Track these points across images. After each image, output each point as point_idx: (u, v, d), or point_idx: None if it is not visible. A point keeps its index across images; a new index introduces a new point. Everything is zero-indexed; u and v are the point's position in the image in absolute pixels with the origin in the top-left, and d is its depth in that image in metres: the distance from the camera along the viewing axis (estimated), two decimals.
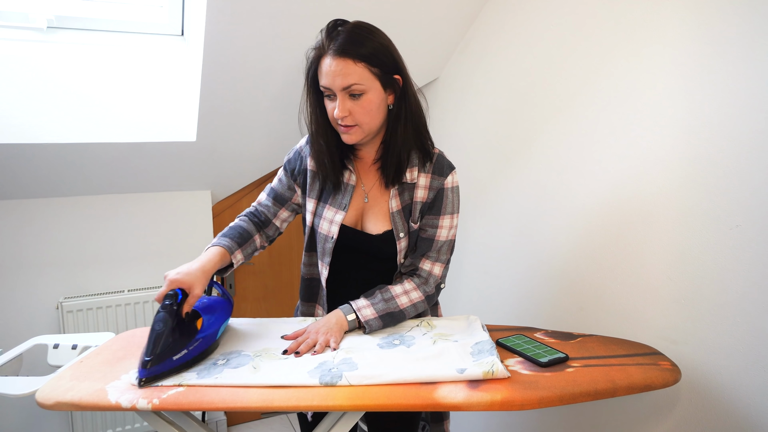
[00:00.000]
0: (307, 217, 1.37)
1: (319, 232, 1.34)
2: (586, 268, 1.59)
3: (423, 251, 1.34)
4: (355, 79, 1.19)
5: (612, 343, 1.25)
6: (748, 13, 1.13)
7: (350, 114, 1.23)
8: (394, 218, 1.32)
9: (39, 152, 1.94)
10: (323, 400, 0.96)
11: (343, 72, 1.18)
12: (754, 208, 1.14)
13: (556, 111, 1.69)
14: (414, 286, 1.33)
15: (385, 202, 1.34)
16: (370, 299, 1.29)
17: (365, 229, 1.34)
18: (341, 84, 1.19)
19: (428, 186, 1.33)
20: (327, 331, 1.20)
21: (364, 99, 1.22)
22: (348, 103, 1.22)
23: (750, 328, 1.16)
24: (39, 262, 2.22)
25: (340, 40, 1.19)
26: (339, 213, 1.32)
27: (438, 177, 1.33)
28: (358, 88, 1.20)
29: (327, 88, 1.22)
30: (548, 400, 0.96)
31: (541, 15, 1.74)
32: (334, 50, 1.19)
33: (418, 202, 1.32)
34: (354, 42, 1.19)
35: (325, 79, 1.21)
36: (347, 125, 1.25)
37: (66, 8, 1.89)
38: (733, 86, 1.17)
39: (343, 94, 1.21)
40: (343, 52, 1.18)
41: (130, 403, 0.95)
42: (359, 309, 1.26)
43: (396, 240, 1.32)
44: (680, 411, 1.32)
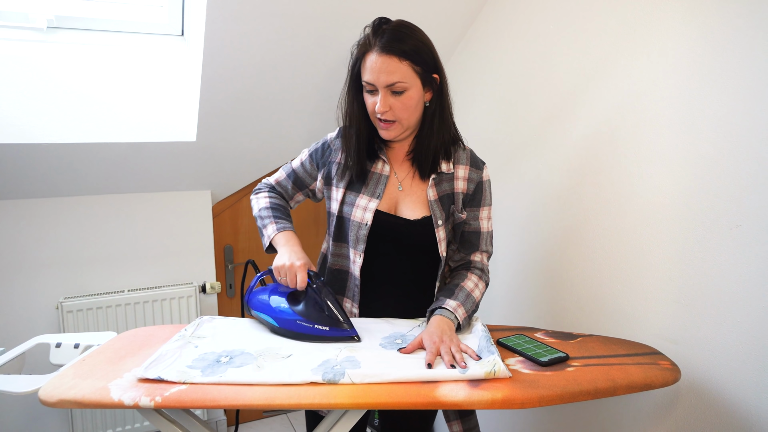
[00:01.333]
0: (333, 205, 1.39)
1: (352, 219, 1.35)
2: (586, 268, 1.60)
3: (474, 245, 1.41)
4: (398, 77, 1.24)
5: (612, 343, 1.25)
6: (748, 13, 1.14)
7: (390, 109, 1.27)
8: (432, 206, 1.35)
9: (39, 152, 1.94)
10: (325, 398, 0.97)
11: (388, 69, 1.23)
12: (754, 208, 1.14)
13: (556, 111, 1.69)
14: (478, 278, 1.39)
15: (422, 191, 1.38)
16: (458, 299, 1.29)
17: (401, 215, 1.36)
18: (385, 81, 1.24)
19: (467, 177, 1.39)
20: (451, 340, 1.14)
21: (405, 96, 1.27)
22: (389, 99, 1.26)
23: (750, 328, 1.16)
24: (39, 262, 2.22)
25: (386, 38, 1.23)
26: (373, 201, 1.35)
27: (476, 170, 1.40)
28: (401, 85, 1.25)
29: (370, 84, 1.26)
30: (549, 398, 0.97)
31: (541, 15, 1.74)
32: (380, 47, 1.23)
33: (459, 193, 1.38)
34: (399, 40, 1.24)
35: (370, 74, 1.25)
36: (387, 120, 1.29)
37: (66, 8, 1.89)
38: (733, 86, 1.17)
39: (385, 90, 1.26)
40: (389, 50, 1.23)
41: (132, 401, 0.96)
42: (455, 310, 1.26)
43: (434, 227, 1.34)
44: (680, 410, 1.32)
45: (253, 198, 1.48)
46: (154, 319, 2.35)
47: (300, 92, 2.18)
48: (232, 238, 2.68)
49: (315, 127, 2.43)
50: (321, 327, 1.21)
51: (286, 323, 1.23)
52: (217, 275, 2.65)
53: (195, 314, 2.43)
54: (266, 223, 1.38)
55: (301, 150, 2.53)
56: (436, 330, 1.17)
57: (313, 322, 1.21)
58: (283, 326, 1.24)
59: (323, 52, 2.02)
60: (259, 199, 1.46)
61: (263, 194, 1.47)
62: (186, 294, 2.41)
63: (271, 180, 1.51)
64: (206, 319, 1.35)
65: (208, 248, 2.55)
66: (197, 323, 1.31)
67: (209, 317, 1.36)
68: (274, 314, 1.26)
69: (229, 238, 2.67)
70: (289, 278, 1.24)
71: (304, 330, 1.21)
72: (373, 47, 1.24)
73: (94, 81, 1.93)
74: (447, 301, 1.28)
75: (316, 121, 2.39)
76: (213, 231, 2.56)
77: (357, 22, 1.94)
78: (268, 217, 1.39)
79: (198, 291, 2.45)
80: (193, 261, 2.52)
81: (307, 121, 2.36)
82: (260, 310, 1.30)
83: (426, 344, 1.14)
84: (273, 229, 1.35)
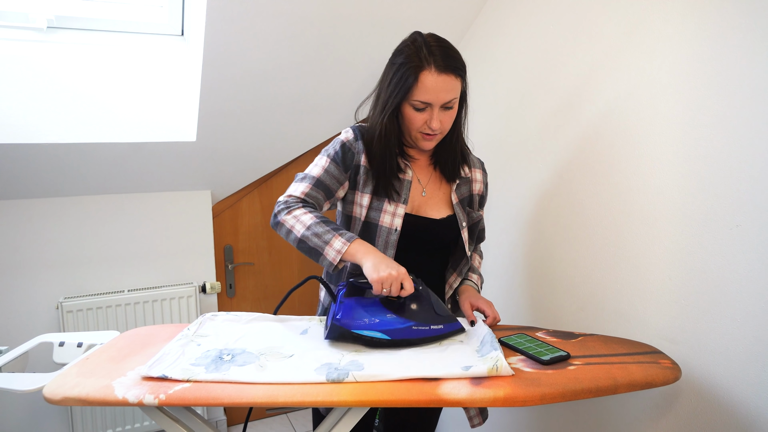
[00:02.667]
0: (359, 211, 1.37)
1: (381, 225, 1.35)
2: (586, 267, 1.60)
3: (482, 239, 1.59)
4: (455, 94, 1.27)
5: (613, 342, 1.26)
6: (748, 13, 1.14)
7: (441, 124, 1.29)
8: (456, 209, 1.42)
9: (39, 152, 1.95)
10: (328, 396, 0.97)
11: (447, 87, 1.25)
12: (754, 208, 1.14)
13: (556, 111, 1.70)
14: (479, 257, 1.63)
15: (444, 194, 1.44)
16: (477, 273, 1.55)
17: (426, 215, 1.40)
18: (445, 99, 1.25)
19: (482, 181, 1.51)
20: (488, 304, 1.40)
21: (453, 110, 1.31)
22: (441, 115, 1.28)
23: (750, 328, 1.17)
24: (39, 262, 2.22)
25: (440, 55, 1.24)
26: (400, 206, 1.36)
27: (485, 173, 1.53)
28: (455, 101, 1.29)
29: (426, 103, 1.26)
30: (550, 396, 0.97)
31: (540, 15, 1.75)
32: (440, 67, 1.23)
33: (476, 195, 1.49)
34: (452, 57, 1.25)
35: (429, 94, 1.24)
36: (434, 134, 1.31)
37: (66, 8, 1.89)
38: (733, 86, 1.18)
39: (441, 108, 1.27)
40: (448, 68, 1.24)
41: (136, 399, 0.96)
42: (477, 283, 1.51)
43: (460, 228, 1.41)
44: (680, 409, 1.33)
45: (288, 218, 1.29)
46: (154, 319, 2.35)
47: (300, 92, 2.19)
48: (232, 238, 2.68)
49: (315, 127, 2.44)
50: (436, 327, 1.19)
51: (400, 333, 1.16)
52: (217, 275, 2.65)
53: (195, 314, 2.43)
54: (327, 238, 1.23)
55: (300, 150, 2.58)
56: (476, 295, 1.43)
57: (428, 324, 1.19)
58: (396, 337, 1.16)
59: (323, 52, 2.03)
60: (299, 217, 1.28)
61: (301, 210, 1.29)
62: (186, 294, 2.41)
63: (296, 193, 1.34)
64: (208, 316, 1.35)
65: (208, 248, 2.55)
66: (199, 321, 1.31)
67: (211, 314, 1.37)
68: (383, 327, 1.16)
69: (229, 238, 2.68)
70: (394, 287, 1.17)
71: (422, 334, 1.18)
72: (431, 66, 1.23)
73: (94, 81, 1.93)
74: (473, 275, 1.52)
75: (316, 121, 2.39)
76: (213, 231, 2.56)
77: (357, 23, 1.96)
78: (326, 232, 1.24)
79: (198, 291, 2.45)
80: (193, 261, 2.52)
81: (307, 121, 2.37)
82: (363, 328, 1.16)
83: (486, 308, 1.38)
84: (341, 241, 1.23)
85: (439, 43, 1.26)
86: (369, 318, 1.18)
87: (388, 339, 1.16)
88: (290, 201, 1.32)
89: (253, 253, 2.74)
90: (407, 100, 1.27)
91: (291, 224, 1.28)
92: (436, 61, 1.23)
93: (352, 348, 1.17)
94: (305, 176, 1.37)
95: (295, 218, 1.28)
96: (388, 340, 1.16)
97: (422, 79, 1.23)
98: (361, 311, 1.20)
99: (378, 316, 1.19)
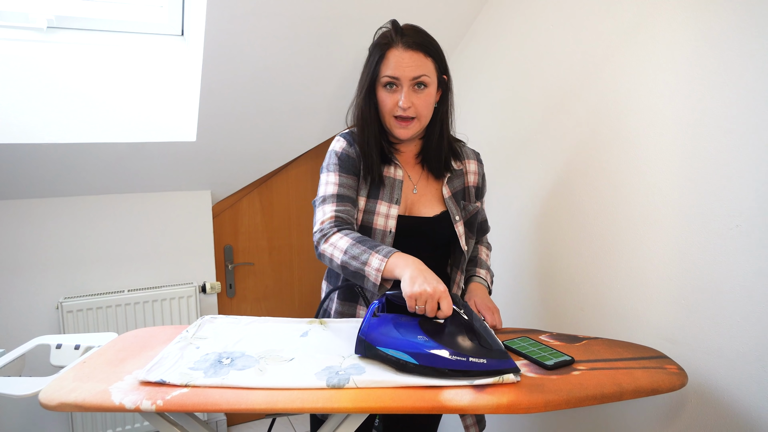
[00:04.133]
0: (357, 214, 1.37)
1: (375, 228, 1.34)
2: (586, 268, 1.59)
3: (485, 231, 1.61)
4: (424, 71, 1.28)
5: (618, 346, 1.24)
6: (748, 13, 1.13)
7: (413, 105, 1.29)
8: (448, 204, 1.41)
9: (39, 152, 1.94)
10: (327, 402, 0.96)
11: (415, 63, 1.27)
12: (754, 208, 1.14)
13: (556, 111, 1.69)
14: (486, 248, 1.62)
15: (436, 190, 1.42)
16: (485, 268, 1.54)
17: (419, 214, 1.39)
18: (412, 74, 1.27)
19: (477, 172, 1.48)
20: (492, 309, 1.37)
21: (426, 92, 1.30)
22: (412, 95, 1.29)
23: (750, 328, 1.16)
24: (39, 263, 2.21)
25: (410, 36, 1.28)
26: (393, 207, 1.35)
27: (480, 163, 1.50)
28: (426, 79, 1.29)
29: (394, 78, 1.28)
30: (555, 403, 0.96)
31: (540, 15, 1.74)
32: (407, 43, 1.27)
33: (471, 187, 1.47)
34: (424, 38, 1.30)
35: (396, 69, 1.27)
36: (407, 118, 1.31)
37: (66, 8, 1.89)
38: (732, 86, 1.17)
39: (409, 86, 1.28)
40: (417, 45, 1.28)
41: (133, 404, 0.95)
42: (486, 279, 1.51)
43: (453, 223, 1.39)
44: (679, 409, 1.32)
45: (326, 246, 1.26)
46: (154, 319, 2.35)
47: (300, 92, 2.18)
48: (232, 238, 2.67)
49: (314, 127, 2.43)
50: (477, 360, 1.03)
51: (430, 359, 1.03)
52: (217, 275, 2.64)
53: (195, 314, 2.42)
54: (365, 258, 1.17)
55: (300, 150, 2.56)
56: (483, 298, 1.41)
57: (467, 355, 1.03)
58: (425, 363, 1.03)
59: (323, 51, 2.02)
60: (336, 244, 1.24)
61: (337, 236, 1.25)
62: (186, 294, 2.41)
63: (326, 217, 1.30)
64: (207, 319, 1.34)
65: (208, 248, 2.54)
66: (198, 324, 1.30)
67: (210, 317, 1.35)
68: (411, 349, 1.04)
69: (229, 238, 2.67)
70: (429, 306, 1.08)
71: (456, 366, 1.02)
72: (398, 43, 1.28)
73: (94, 81, 1.92)
74: (481, 271, 1.52)
75: (316, 122, 2.38)
76: (213, 231, 2.55)
77: (357, 22, 1.95)
78: (363, 252, 1.18)
79: (198, 291, 2.44)
80: (193, 261, 2.51)
81: (306, 121, 2.36)
82: (391, 347, 1.06)
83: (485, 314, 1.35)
84: (378, 258, 1.16)
85: (414, 27, 1.31)
86: (398, 337, 1.07)
87: (415, 363, 1.03)
88: (324, 227, 1.28)
89: (253, 253, 2.73)
90: (378, 80, 1.31)
91: (330, 252, 1.25)
92: (404, 39, 1.28)
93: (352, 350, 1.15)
94: (324, 198, 1.33)
95: (332, 246, 1.25)
96: (415, 365, 1.03)
97: (388, 55, 1.28)
98: (392, 329, 1.09)
99: (409, 336, 1.07)
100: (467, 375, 1.02)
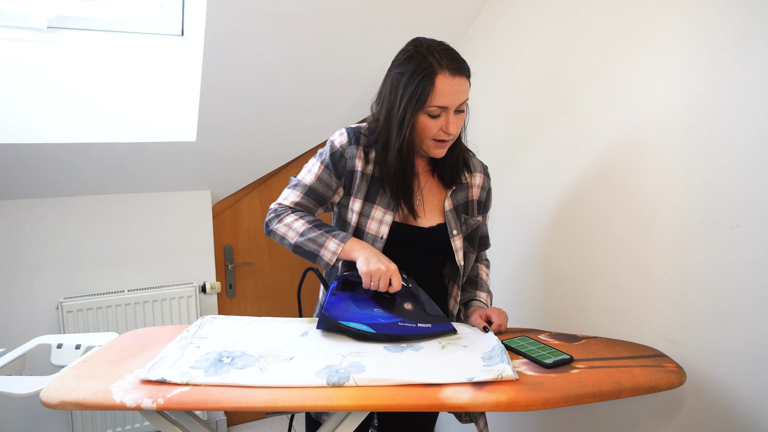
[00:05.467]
0: (351, 216, 1.34)
1: (367, 232, 1.34)
2: (586, 268, 1.59)
3: (484, 245, 1.55)
4: (467, 95, 1.27)
5: (616, 345, 1.25)
6: (748, 13, 1.14)
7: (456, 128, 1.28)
8: (447, 216, 1.38)
9: (39, 152, 1.94)
10: (328, 401, 0.96)
11: (461, 90, 1.24)
12: (754, 208, 1.14)
13: (556, 111, 1.69)
14: (485, 266, 1.57)
15: (438, 201, 1.40)
16: (486, 291, 1.50)
17: (416, 224, 1.37)
18: (460, 101, 1.25)
19: (481, 185, 1.45)
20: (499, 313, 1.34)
21: (464, 114, 1.30)
22: (454, 118, 1.26)
23: (750, 328, 1.16)
24: (39, 262, 2.22)
25: (450, 58, 1.23)
26: (388, 213, 1.33)
27: (486, 177, 1.47)
28: (465, 104, 1.28)
29: (443, 108, 1.24)
30: (554, 401, 0.96)
31: (540, 15, 1.74)
32: (452, 69, 1.22)
33: (474, 200, 1.44)
34: (461, 59, 1.26)
35: (446, 98, 1.22)
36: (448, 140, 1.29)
37: (66, 8, 1.89)
38: (733, 86, 1.17)
39: (455, 111, 1.26)
40: (461, 71, 1.23)
41: (134, 403, 0.95)
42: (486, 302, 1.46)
43: (450, 237, 1.37)
44: (679, 409, 1.32)
45: (280, 226, 1.33)
46: (154, 319, 2.35)
47: (300, 92, 2.18)
48: (232, 238, 2.68)
49: (314, 127, 2.43)
50: (424, 325, 1.22)
51: (385, 327, 1.20)
52: (217, 275, 2.65)
53: (195, 314, 2.42)
54: (322, 240, 1.27)
55: (300, 150, 2.57)
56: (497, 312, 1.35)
57: (415, 321, 1.22)
58: (381, 331, 1.20)
59: (323, 52, 2.02)
60: (291, 225, 1.31)
61: (291, 218, 1.33)
62: (186, 294, 2.41)
63: (285, 202, 1.36)
64: (208, 318, 1.34)
65: (208, 248, 2.55)
66: (199, 324, 1.30)
67: (211, 317, 1.36)
68: (369, 320, 1.21)
69: (229, 238, 2.67)
70: (382, 282, 1.20)
71: (407, 331, 1.21)
72: (443, 69, 1.21)
73: (94, 81, 1.92)
74: (480, 293, 1.48)
75: (316, 122, 2.39)
76: (213, 231, 2.56)
77: (357, 22, 1.95)
78: (320, 236, 1.28)
79: (198, 291, 2.44)
80: (193, 261, 2.51)
81: (306, 121, 2.36)
82: (351, 320, 1.21)
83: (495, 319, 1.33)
84: (335, 241, 1.27)
85: (442, 46, 1.26)
86: (357, 311, 1.24)
87: (373, 332, 1.20)
88: (279, 210, 1.36)
89: (253, 253, 2.73)
90: (422, 109, 1.23)
91: (283, 232, 1.33)
92: (448, 64, 1.22)
93: (352, 349, 1.16)
94: (298, 183, 1.38)
95: (286, 226, 1.32)
96: (374, 334, 1.20)
97: (438, 84, 1.21)
98: (350, 304, 1.25)
99: (366, 310, 1.24)
100: (416, 338, 1.21)
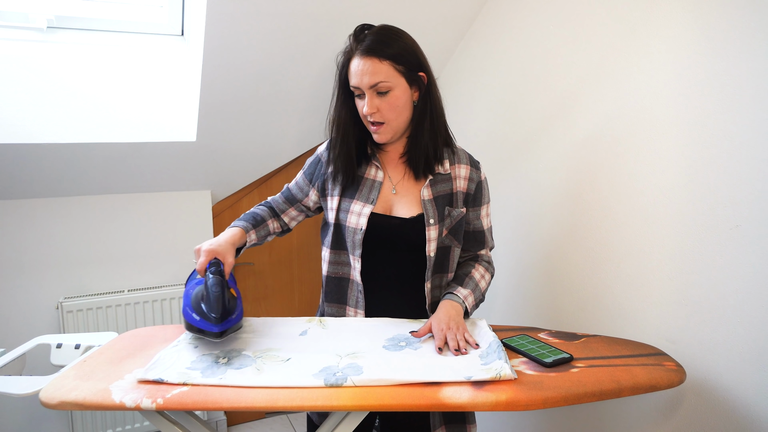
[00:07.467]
0: (330, 215, 1.40)
1: (347, 225, 1.35)
2: (586, 268, 1.59)
3: (480, 242, 1.46)
4: (381, 77, 1.26)
5: (616, 344, 1.25)
6: (748, 13, 1.14)
7: (378, 111, 1.30)
8: (425, 205, 1.35)
9: (39, 152, 1.94)
10: (327, 400, 0.96)
11: (370, 70, 1.26)
12: (754, 208, 1.14)
13: (556, 111, 1.69)
14: (485, 269, 1.45)
15: (417, 191, 1.38)
16: (469, 288, 1.37)
17: (397, 215, 1.37)
18: (368, 82, 1.27)
19: (468, 177, 1.41)
20: (458, 327, 1.22)
21: (390, 96, 1.29)
22: (375, 101, 1.29)
23: (750, 328, 1.16)
24: (39, 262, 2.22)
25: (366, 42, 1.27)
26: (367, 206, 1.35)
27: (475, 170, 1.43)
28: (384, 85, 1.27)
29: (356, 87, 1.30)
30: (553, 400, 0.96)
31: (540, 15, 1.74)
32: (362, 51, 1.27)
33: (459, 192, 1.40)
34: (380, 42, 1.27)
35: (354, 78, 1.28)
36: (377, 123, 1.31)
37: (66, 8, 1.89)
38: (733, 86, 1.17)
39: (371, 92, 1.28)
40: (370, 52, 1.26)
41: (134, 403, 0.95)
42: (465, 298, 1.33)
43: (426, 225, 1.34)
44: (681, 410, 1.32)
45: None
46: (154, 319, 2.35)
47: (300, 92, 2.18)
48: None
49: (314, 127, 2.43)
50: (195, 317, 1.15)
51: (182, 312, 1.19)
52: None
53: None
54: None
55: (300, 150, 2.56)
56: (444, 316, 1.24)
57: (192, 311, 1.15)
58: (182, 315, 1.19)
59: (323, 51, 2.02)
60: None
61: (254, 207, 1.51)
62: None
63: (268, 199, 1.54)
64: None
65: None
66: None
67: None
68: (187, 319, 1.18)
69: None
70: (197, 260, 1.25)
71: (187, 319, 1.16)
72: (356, 52, 1.28)
73: (94, 81, 1.92)
74: (458, 288, 1.35)
75: (316, 121, 2.38)
76: (213, 231, 2.55)
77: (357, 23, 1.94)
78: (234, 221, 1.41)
79: None
80: (193, 261, 2.50)
81: (306, 121, 2.36)
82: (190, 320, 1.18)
83: (434, 330, 1.21)
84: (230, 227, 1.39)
85: (376, 31, 1.29)
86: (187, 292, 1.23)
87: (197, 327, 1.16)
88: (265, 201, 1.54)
89: (253, 253, 2.73)
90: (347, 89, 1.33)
91: None
92: (362, 46, 1.27)
93: (350, 350, 1.16)
94: (285, 186, 1.54)
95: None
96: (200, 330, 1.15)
97: (350, 65, 1.30)
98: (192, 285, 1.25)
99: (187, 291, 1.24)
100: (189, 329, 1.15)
